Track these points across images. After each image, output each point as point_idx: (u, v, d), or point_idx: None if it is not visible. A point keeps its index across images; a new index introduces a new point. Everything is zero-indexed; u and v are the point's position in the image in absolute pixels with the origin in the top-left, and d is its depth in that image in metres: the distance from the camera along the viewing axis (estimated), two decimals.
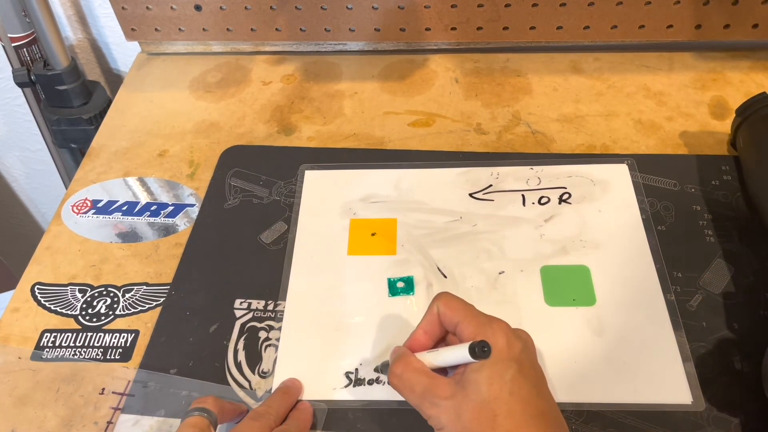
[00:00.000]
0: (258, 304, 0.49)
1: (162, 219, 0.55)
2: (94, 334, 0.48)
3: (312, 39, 0.69)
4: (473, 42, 0.68)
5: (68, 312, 0.50)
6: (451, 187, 0.56)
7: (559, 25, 0.66)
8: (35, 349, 0.47)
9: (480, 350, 0.35)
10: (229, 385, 0.45)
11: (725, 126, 0.60)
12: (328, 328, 0.47)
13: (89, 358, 0.47)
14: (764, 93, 0.54)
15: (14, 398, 0.45)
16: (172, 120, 0.65)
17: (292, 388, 0.43)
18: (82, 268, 0.52)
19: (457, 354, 0.36)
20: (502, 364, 0.36)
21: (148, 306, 0.50)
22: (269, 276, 0.51)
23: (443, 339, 0.41)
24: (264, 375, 0.45)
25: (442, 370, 0.39)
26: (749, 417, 0.41)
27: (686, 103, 0.63)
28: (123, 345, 0.47)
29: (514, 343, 0.37)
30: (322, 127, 0.63)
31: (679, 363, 0.44)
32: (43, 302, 0.50)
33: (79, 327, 0.49)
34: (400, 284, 0.49)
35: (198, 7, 0.67)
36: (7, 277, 0.85)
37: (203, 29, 0.68)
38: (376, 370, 0.44)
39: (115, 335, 0.48)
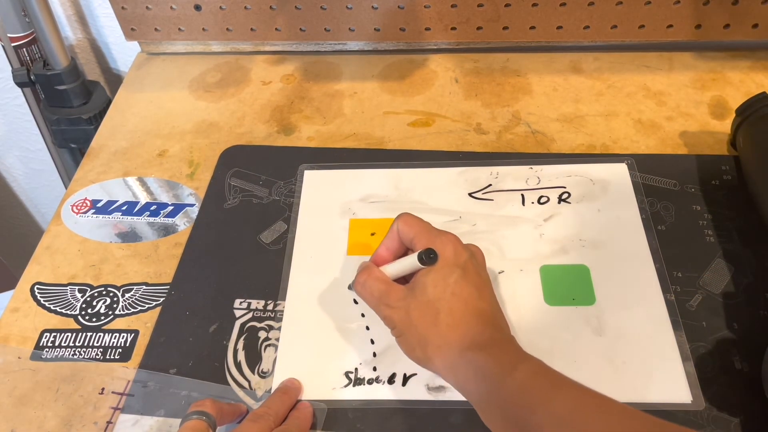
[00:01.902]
0: (258, 304, 0.49)
1: (162, 219, 0.55)
2: (94, 334, 0.48)
3: (312, 39, 0.69)
4: (473, 42, 0.68)
5: (68, 312, 0.50)
6: (450, 187, 0.56)
7: (559, 25, 0.66)
8: (35, 349, 0.47)
9: (427, 257, 0.39)
10: (228, 385, 0.45)
11: (725, 126, 0.60)
12: (328, 328, 0.47)
13: (89, 358, 0.47)
14: (764, 93, 0.54)
15: (14, 398, 0.45)
16: (171, 120, 0.65)
17: (291, 388, 0.43)
18: (82, 268, 0.52)
19: (409, 262, 0.41)
20: (447, 269, 0.40)
21: (147, 306, 0.50)
22: (269, 276, 0.51)
23: (405, 255, 0.44)
24: (264, 375, 0.45)
25: (404, 280, 0.43)
26: (749, 417, 0.41)
27: (686, 103, 0.63)
28: (123, 345, 0.47)
29: (461, 252, 0.41)
30: (322, 126, 0.63)
31: (678, 363, 0.44)
32: (42, 302, 0.50)
33: (79, 327, 0.49)
34: None
35: (198, 7, 0.67)
36: (6, 277, 0.85)
37: (203, 29, 0.68)
38: (349, 287, 0.47)
39: (114, 335, 0.48)
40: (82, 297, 0.50)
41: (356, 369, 0.45)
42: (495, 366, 0.37)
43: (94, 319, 0.49)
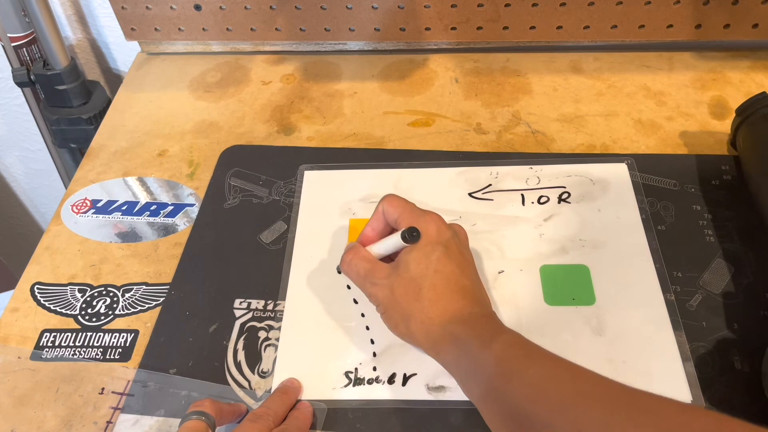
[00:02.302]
0: (258, 303, 0.49)
1: (161, 219, 0.55)
2: (94, 333, 0.48)
3: (312, 39, 0.69)
4: (473, 42, 0.68)
5: (68, 312, 0.50)
6: (450, 187, 0.56)
7: (559, 25, 0.66)
8: (35, 348, 0.47)
9: (410, 235, 0.41)
10: (228, 385, 0.45)
11: (725, 126, 0.60)
12: (328, 328, 0.47)
13: (89, 358, 0.47)
14: (764, 93, 0.54)
15: (14, 398, 0.45)
16: (171, 120, 0.65)
17: (290, 388, 0.43)
18: (82, 268, 0.52)
19: (393, 241, 0.43)
20: (430, 247, 0.41)
21: (147, 306, 0.50)
22: (269, 276, 0.51)
23: (390, 234, 0.45)
24: (264, 375, 0.45)
25: (389, 260, 0.44)
26: (749, 417, 0.41)
27: (686, 103, 0.63)
28: (123, 345, 0.47)
29: (444, 230, 0.42)
30: (322, 126, 0.63)
31: (678, 363, 0.44)
32: (42, 302, 0.50)
33: (79, 327, 0.49)
34: None
35: (198, 7, 0.67)
36: (6, 277, 0.85)
37: (203, 29, 0.68)
38: (337, 270, 0.47)
39: (114, 335, 0.48)
40: (82, 297, 0.50)
41: (356, 369, 0.45)
42: (474, 338, 0.38)
43: (94, 319, 0.49)
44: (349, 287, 0.49)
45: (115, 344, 0.47)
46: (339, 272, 0.47)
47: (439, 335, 0.39)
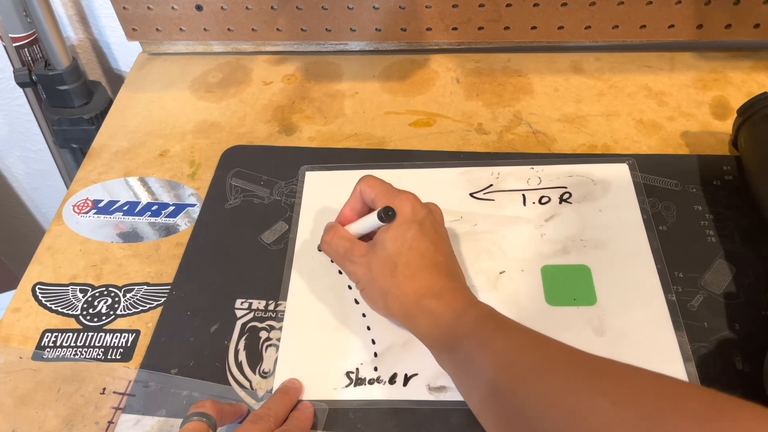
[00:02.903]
0: (259, 304, 0.49)
1: (163, 219, 0.56)
2: (95, 334, 0.48)
3: (313, 39, 0.69)
4: (474, 42, 0.68)
5: (69, 312, 0.50)
6: (451, 187, 0.56)
7: (560, 25, 0.66)
8: (36, 348, 0.47)
9: (385, 214, 0.42)
10: (229, 385, 0.45)
11: (727, 126, 0.60)
12: (329, 328, 0.47)
13: (90, 358, 0.47)
14: (766, 93, 0.54)
15: (15, 398, 0.45)
16: (173, 120, 0.65)
17: (291, 389, 0.43)
18: (83, 268, 0.52)
19: (370, 220, 0.44)
20: (405, 225, 0.42)
21: (149, 306, 0.50)
22: (270, 276, 0.51)
23: (368, 214, 0.46)
24: (265, 375, 0.45)
25: (368, 238, 0.46)
26: None
27: (687, 103, 0.63)
28: (124, 345, 0.47)
29: (419, 209, 0.43)
30: (323, 127, 0.63)
31: (680, 363, 0.44)
32: (44, 302, 0.50)
33: (80, 327, 0.49)
34: None
35: (199, 7, 0.67)
36: (8, 277, 0.85)
37: (204, 29, 0.68)
38: (318, 249, 0.48)
39: (116, 335, 0.48)
40: (83, 297, 0.50)
41: (357, 369, 0.45)
42: (446, 311, 0.39)
43: (95, 319, 0.49)
44: (350, 287, 0.49)
45: (116, 344, 0.47)
46: (320, 250, 0.48)
47: (414, 309, 0.41)
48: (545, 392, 0.33)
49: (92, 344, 0.48)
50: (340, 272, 0.50)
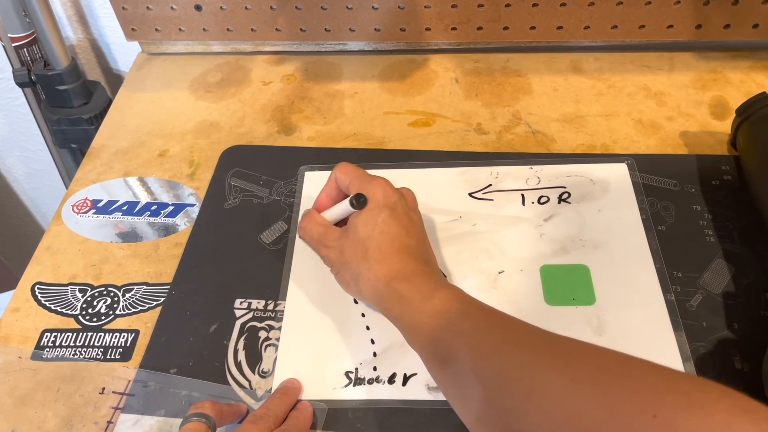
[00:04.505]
0: (258, 303, 0.49)
1: (162, 219, 0.56)
2: (95, 333, 0.48)
3: (312, 39, 0.69)
4: (473, 42, 0.68)
5: (68, 312, 0.50)
6: (450, 187, 0.56)
7: (559, 25, 0.66)
8: (35, 348, 0.47)
9: (357, 201, 0.43)
10: (229, 384, 0.45)
11: (725, 126, 0.60)
12: (328, 328, 0.47)
13: (89, 358, 0.47)
14: (764, 93, 0.54)
15: (14, 398, 0.45)
16: (172, 120, 0.65)
17: (290, 389, 0.43)
18: (83, 268, 0.52)
19: (343, 207, 0.46)
20: (377, 210, 0.43)
21: (148, 306, 0.50)
22: (269, 276, 0.51)
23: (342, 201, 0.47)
24: (264, 375, 0.45)
25: (343, 223, 0.47)
26: None
27: (686, 103, 0.63)
28: (123, 345, 0.47)
29: (391, 194, 0.44)
30: (323, 127, 0.63)
31: (679, 363, 0.44)
32: (43, 302, 0.50)
33: (80, 327, 0.49)
34: None
35: (198, 7, 0.67)
36: (7, 277, 0.85)
37: (203, 29, 0.68)
38: (297, 235, 0.50)
39: (115, 335, 0.48)
40: (82, 297, 0.50)
41: (356, 369, 0.45)
42: (416, 293, 0.40)
43: (94, 319, 0.49)
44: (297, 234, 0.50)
45: (115, 344, 0.47)
46: (299, 237, 0.50)
47: (385, 292, 0.41)
48: (505, 369, 0.34)
49: (91, 344, 0.48)
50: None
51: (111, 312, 0.49)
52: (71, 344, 0.48)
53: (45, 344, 0.48)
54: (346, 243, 0.44)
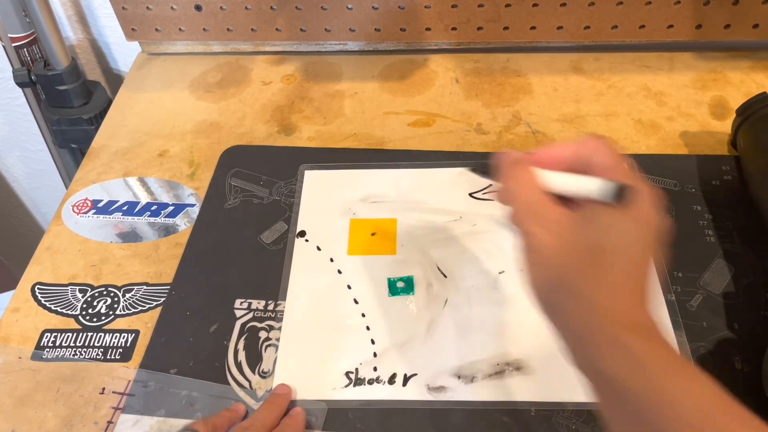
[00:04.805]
0: (258, 304, 0.49)
1: (162, 219, 0.56)
2: (95, 334, 0.48)
3: (312, 39, 0.69)
4: (473, 42, 0.68)
5: (68, 312, 0.50)
6: (451, 187, 0.56)
7: (559, 25, 0.66)
8: (35, 349, 0.47)
9: (622, 193, 0.30)
10: (229, 385, 0.45)
11: (726, 126, 0.60)
12: (328, 328, 0.47)
13: (89, 358, 0.47)
14: (764, 93, 0.54)
15: (14, 398, 0.45)
16: (172, 120, 0.65)
17: (280, 396, 0.43)
18: (83, 268, 0.52)
19: (588, 185, 0.32)
20: (645, 227, 0.31)
21: (148, 306, 0.50)
22: (269, 276, 0.51)
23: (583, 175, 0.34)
24: (264, 375, 0.45)
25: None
26: None
27: (687, 103, 0.63)
28: (123, 345, 0.47)
29: (659, 213, 0.32)
30: (323, 127, 0.63)
31: None
32: (43, 302, 0.50)
33: (80, 327, 0.49)
34: (400, 284, 0.49)
35: (198, 7, 0.67)
36: (7, 277, 0.85)
37: (203, 29, 0.68)
38: (475, 170, 0.37)
39: (115, 335, 0.48)
40: (82, 297, 0.50)
41: (356, 369, 0.45)
42: (654, 362, 0.30)
43: (94, 319, 0.49)
44: (349, 287, 0.49)
45: (115, 344, 0.47)
46: (475, 171, 0.37)
47: (601, 336, 0.30)
48: None
49: (91, 344, 0.48)
50: (339, 272, 0.50)
51: (111, 312, 0.49)
52: (71, 344, 0.48)
53: (45, 344, 0.48)
54: (579, 237, 0.31)
